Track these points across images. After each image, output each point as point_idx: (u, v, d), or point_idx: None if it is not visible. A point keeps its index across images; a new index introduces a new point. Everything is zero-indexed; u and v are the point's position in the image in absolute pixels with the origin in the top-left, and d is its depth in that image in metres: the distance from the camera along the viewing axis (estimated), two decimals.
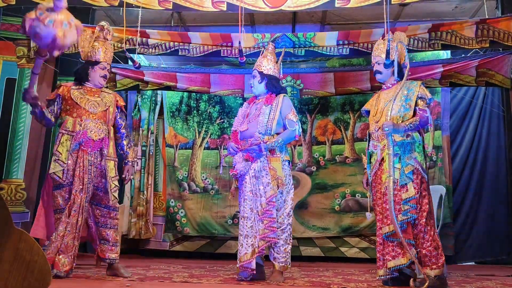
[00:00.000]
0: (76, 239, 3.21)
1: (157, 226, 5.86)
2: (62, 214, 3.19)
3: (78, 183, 3.23)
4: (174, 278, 3.31)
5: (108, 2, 4.51)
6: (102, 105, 3.43)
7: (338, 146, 5.78)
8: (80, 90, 3.42)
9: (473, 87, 5.38)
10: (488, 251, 5.29)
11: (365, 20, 5.49)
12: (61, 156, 3.22)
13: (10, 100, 4.91)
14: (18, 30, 4.93)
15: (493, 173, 5.37)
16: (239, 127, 3.49)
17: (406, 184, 2.98)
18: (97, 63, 3.44)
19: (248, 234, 3.25)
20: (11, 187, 4.78)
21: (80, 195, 3.22)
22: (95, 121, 3.35)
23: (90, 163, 3.29)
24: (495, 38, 4.37)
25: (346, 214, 5.59)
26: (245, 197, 3.31)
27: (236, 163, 3.39)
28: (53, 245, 3.12)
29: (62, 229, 3.15)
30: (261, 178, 3.27)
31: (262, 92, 3.54)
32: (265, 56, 3.63)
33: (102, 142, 3.35)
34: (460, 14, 5.43)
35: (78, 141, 3.27)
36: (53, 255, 3.09)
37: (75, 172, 3.23)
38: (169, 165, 5.98)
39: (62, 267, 3.10)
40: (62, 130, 3.30)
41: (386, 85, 3.32)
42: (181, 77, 5.27)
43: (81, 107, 3.34)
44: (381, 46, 3.31)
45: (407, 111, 3.08)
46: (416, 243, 2.96)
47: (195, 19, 5.79)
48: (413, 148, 3.06)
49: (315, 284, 3.18)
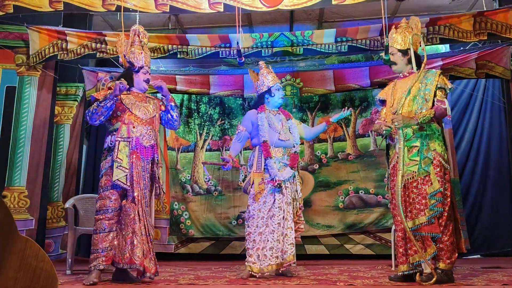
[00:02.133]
0: (150, 242, 3.24)
1: (161, 229, 5.85)
2: (106, 215, 3.18)
3: (138, 189, 3.22)
4: (180, 281, 3.31)
5: (106, 7, 4.51)
6: (151, 111, 3.42)
7: (340, 143, 5.77)
8: (129, 95, 3.40)
9: (473, 80, 5.38)
10: (493, 244, 5.28)
11: (363, 17, 5.50)
12: (123, 163, 3.20)
13: (11, 108, 4.93)
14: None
15: (496, 165, 5.36)
16: (278, 137, 3.67)
17: (428, 177, 2.91)
18: (140, 68, 3.45)
19: (290, 235, 3.55)
20: (14, 195, 4.79)
21: (140, 200, 3.22)
22: (146, 128, 3.34)
23: (143, 169, 3.30)
24: (493, 30, 4.36)
25: (350, 211, 5.59)
26: (288, 201, 3.60)
27: (275, 173, 3.56)
28: (139, 250, 3.12)
29: (140, 234, 3.16)
30: (298, 184, 3.72)
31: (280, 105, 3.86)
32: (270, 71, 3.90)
33: (153, 149, 3.36)
34: (457, 7, 5.43)
35: (132, 147, 3.27)
36: (142, 259, 3.12)
37: (133, 178, 3.23)
38: (172, 168, 5.98)
39: (150, 269, 3.17)
40: (118, 138, 3.25)
41: (403, 73, 3.20)
42: (181, 79, 5.28)
43: (132, 113, 3.33)
44: (394, 36, 3.20)
45: (425, 102, 2.98)
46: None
47: (192, 22, 5.80)
48: (433, 139, 2.98)
49: (322, 282, 3.18)
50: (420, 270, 2.97)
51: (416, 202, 2.94)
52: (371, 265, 4.38)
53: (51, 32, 4.81)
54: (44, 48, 4.81)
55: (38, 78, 5.05)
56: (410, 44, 3.10)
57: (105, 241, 3.16)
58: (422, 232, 2.91)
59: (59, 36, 4.79)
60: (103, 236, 3.16)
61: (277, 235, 3.46)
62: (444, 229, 2.90)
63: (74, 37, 4.79)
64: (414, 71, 3.11)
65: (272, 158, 3.59)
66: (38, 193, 4.88)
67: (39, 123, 4.99)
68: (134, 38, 3.51)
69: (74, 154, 5.34)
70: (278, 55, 4.93)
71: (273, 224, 3.49)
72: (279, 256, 3.45)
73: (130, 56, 3.46)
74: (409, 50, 3.12)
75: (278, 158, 3.62)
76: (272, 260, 3.42)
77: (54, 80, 5.11)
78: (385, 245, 5.34)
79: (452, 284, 2.86)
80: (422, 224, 2.89)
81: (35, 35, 4.80)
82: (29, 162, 4.89)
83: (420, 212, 2.91)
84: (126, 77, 3.42)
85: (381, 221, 5.45)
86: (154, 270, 3.20)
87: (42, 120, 5.01)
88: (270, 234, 3.46)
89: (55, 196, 5.23)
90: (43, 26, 4.82)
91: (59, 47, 4.80)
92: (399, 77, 3.25)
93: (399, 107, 3.00)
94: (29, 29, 4.79)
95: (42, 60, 4.84)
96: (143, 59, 3.47)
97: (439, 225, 2.89)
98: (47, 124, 5.03)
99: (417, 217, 2.91)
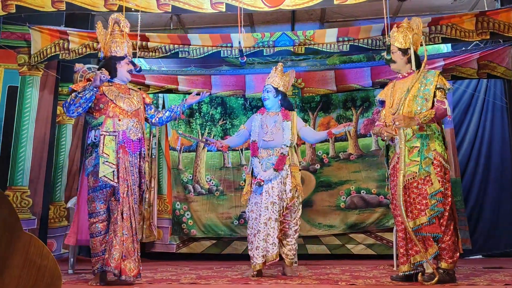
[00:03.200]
0: (135, 242, 3.07)
1: (162, 229, 5.86)
2: (99, 217, 3.06)
3: (124, 185, 3.06)
4: (182, 280, 3.31)
5: (107, 7, 4.52)
6: (135, 103, 3.26)
7: (342, 143, 5.77)
8: (111, 87, 3.22)
9: (475, 80, 5.37)
10: (495, 244, 5.27)
11: (364, 16, 5.49)
12: (109, 158, 3.03)
13: (13, 108, 4.93)
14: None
15: (498, 165, 5.35)
16: (263, 137, 3.73)
17: (428, 177, 2.91)
18: (122, 58, 3.28)
19: (273, 235, 3.53)
20: (17, 194, 4.80)
21: (128, 198, 3.06)
22: (132, 120, 3.18)
23: (131, 164, 3.14)
24: (495, 30, 4.35)
25: (351, 211, 5.58)
26: (273, 200, 3.56)
27: (258, 171, 3.66)
28: (116, 251, 2.96)
29: (120, 234, 2.99)
30: (287, 184, 3.63)
31: (275, 106, 3.84)
32: (277, 74, 3.90)
33: (140, 143, 3.21)
34: (459, 7, 5.42)
35: (118, 141, 3.10)
36: (118, 261, 2.95)
37: (119, 174, 3.06)
38: (174, 168, 5.98)
39: (130, 272, 2.97)
40: (103, 132, 3.07)
41: (402, 74, 3.20)
42: (182, 79, 5.28)
43: (117, 105, 3.15)
44: (395, 34, 3.20)
45: (425, 102, 2.99)
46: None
47: (194, 21, 5.80)
48: (433, 139, 2.99)
49: (323, 281, 3.18)
50: (421, 270, 2.97)
51: (417, 202, 2.94)
52: (373, 265, 4.38)
53: (53, 32, 4.82)
54: (46, 48, 4.82)
55: (40, 78, 5.06)
56: (410, 43, 3.10)
57: (102, 243, 3.06)
58: (423, 232, 2.90)
59: (61, 36, 4.80)
60: (100, 239, 3.06)
61: (263, 235, 3.50)
62: (445, 229, 2.90)
63: (76, 37, 4.79)
64: (413, 71, 3.12)
65: (258, 157, 3.71)
66: (40, 193, 4.89)
67: (41, 123, 4.99)
68: (114, 27, 3.33)
69: (76, 154, 5.34)
70: (280, 54, 4.93)
71: (259, 224, 3.53)
72: (265, 255, 3.50)
73: (111, 45, 3.28)
74: (409, 49, 3.12)
75: (264, 159, 3.69)
76: (259, 259, 3.48)
77: (56, 80, 5.12)
78: (386, 245, 5.34)
79: (454, 284, 2.86)
80: (423, 224, 2.89)
81: (37, 35, 4.81)
82: (31, 162, 4.90)
83: (420, 212, 2.91)
84: (107, 68, 3.21)
85: (382, 221, 5.45)
86: (135, 272, 3.00)
87: (44, 120, 5.01)
88: (257, 234, 3.52)
89: (57, 196, 5.23)
90: (45, 26, 4.83)
91: (61, 47, 4.81)
92: (398, 77, 3.24)
93: (400, 107, 2.99)
94: (31, 29, 4.79)
95: (44, 59, 4.85)
96: (125, 49, 3.30)
97: (440, 225, 2.90)
98: (49, 123, 5.03)
99: (418, 217, 2.91)
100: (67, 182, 5.30)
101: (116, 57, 3.28)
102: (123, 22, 3.35)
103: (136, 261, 3.04)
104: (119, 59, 3.28)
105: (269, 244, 3.50)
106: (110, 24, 3.34)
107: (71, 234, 3.29)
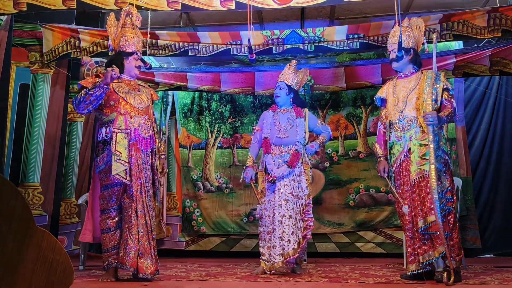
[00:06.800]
0: (151, 239, 3.08)
1: (172, 226, 5.89)
2: (110, 214, 3.08)
3: (137, 183, 3.06)
4: (191, 277, 3.33)
5: (118, 5, 4.52)
6: (145, 100, 3.24)
7: (351, 141, 5.74)
8: (121, 84, 3.20)
9: (487, 77, 5.31)
10: (506, 243, 5.22)
11: (375, 13, 5.45)
12: (122, 156, 3.03)
13: (25, 105, 4.97)
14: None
15: (509, 163, 5.29)
16: (276, 134, 3.73)
17: (439, 176, 2.91)
18: (130, 54, 3.25)
19: (295, 231, 3.54)
20: (28, 191, 4.85)
21: (142, 195, 3.07)
22: (143, 118, 3.18)
23: (143, 162, 3.14)
24: (508, 27, 4.29)
25: (360, 209, 5.56)
26: (287, 198, 3.58)
27: (271, 168, 3.65)
28: (131, 249, 2.97)
29: (135, 232, 3.00)
30: (301, 182, 3.65)
31: (287, 103, 3.86)
32: (291, 71, 3.89)
33: (151, 140, 3.21)
34: (471, 4, 5.35)
35: (131, 139, 3.10)
36: (134, 259, 2.97)
37: (132, 171, 3.07)
38: (183, 165, 6.00)
39: (147, 269, 2.98)
40: (115, 129, 3.07)
41: (404, 73, 3.23)
42: (192, 77, 5.29)
43: (127, 102, 3.14)
44: (398, 33, 3.22)
45: (434, 101, 3.00)
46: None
47: (203, 19, 5.80)
48: (441, 139, 2.99)
49: (333, 279, 3.17)
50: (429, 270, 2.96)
51: (427, 200, 2.93)
52: (382, 264, 4.36)
53: (64, 30, 4.85)
54: (57, 46, 4.86)
55: (51, 76, 5.10)
56: (413, 43, 3.12)
57: (113, 239, 3.09)
58: (433, 231, 2.89)
59: (72, 34, 4.83)
60: (110, 235, 3.09)
61: (279, 233, 3.51)
62: (453, 227, 2.93)
63: (87, 35, 4.83)
64: (415, 71, 3.18)
65: (271, 154, 3.70)
66: (51, 190, 4.94)
67: (52, 121, 5.03)
68: (126, 20, 3.28)
69: (87, 151, 5.38)
70: (289, 52, 4.92)
71: (274, 222, 3.54)
72: (282, 253, 3.51)
73: (121, 39, 3.23)
74: (411, 49, 3.17)
75: (277, 156, 3.68)
76: (276, 258, 3.49)
77: (67, 77, 5.16)
78: (396, 243, 5.31)
79: (466, 283, 2.84)
80: (433, 223, 2.88)
81: (49, 33, 4.85)
82: (43, 159, 4.94)
83: (430, 211, 2.90)
84: (116, 63, 3.18)
85: (391, 219, 5.41)
86: (153, 270, 3.02)
87: (56, 117, 5.06)
88: (273, 232, 3.54)
89: (68, 193, 5.28)
90: (56, 24, 4.86)
91: (72, 45, 4.84)
92: (399, 76, 3.28)
93: (425, 106, 2.97)
94: (42, 27, 4.84)
95: (56, 58, 4.89)
96: (134, 44, 3.26)
97: (448, 223, 2.90)
98: (60, 121, 5.07)
99: (428, 216, 2.90)
100: (78, 179, 5.35)
101: (125, 52, 3.25)
102: (134, 15, 3.31)
103: (153, 258, 3.05)
104: (127, 55, 3.26)
105: (284, 242, 3.51)
106: (122, 16, 3.30)
107: (86, 232, 3.30)
